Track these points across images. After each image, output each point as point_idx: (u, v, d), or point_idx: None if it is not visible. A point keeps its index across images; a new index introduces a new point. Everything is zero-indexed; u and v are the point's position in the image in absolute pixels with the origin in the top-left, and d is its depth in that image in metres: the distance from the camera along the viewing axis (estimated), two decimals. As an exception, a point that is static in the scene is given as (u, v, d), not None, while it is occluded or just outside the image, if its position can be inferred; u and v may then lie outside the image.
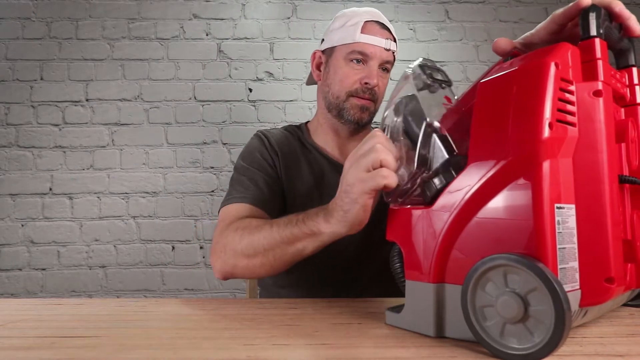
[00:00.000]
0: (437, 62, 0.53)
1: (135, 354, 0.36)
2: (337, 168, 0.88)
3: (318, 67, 0.90)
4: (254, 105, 1.89)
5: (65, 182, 1.80)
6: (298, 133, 0.93)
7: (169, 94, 1.87)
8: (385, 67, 0.85)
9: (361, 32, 0.82)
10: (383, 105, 0.63)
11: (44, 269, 1.76)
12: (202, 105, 1.88)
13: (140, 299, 0.62)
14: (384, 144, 0.47)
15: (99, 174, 1.82)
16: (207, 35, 1.91)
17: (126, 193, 1.82)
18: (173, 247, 1.80)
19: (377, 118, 0.80)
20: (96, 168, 1.82)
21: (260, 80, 1.90)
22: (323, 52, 0.88)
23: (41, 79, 1.84)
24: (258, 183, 0.80)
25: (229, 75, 1.90)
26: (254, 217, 0.73)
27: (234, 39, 1.92)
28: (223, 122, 1.87)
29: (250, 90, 1.90)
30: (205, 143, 1.86)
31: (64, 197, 1.80)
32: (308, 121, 0.98)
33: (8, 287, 1.75)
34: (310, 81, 0.97)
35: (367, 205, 0.49)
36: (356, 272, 0.83)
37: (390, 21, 0.88)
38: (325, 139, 0.91)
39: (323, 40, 0.89)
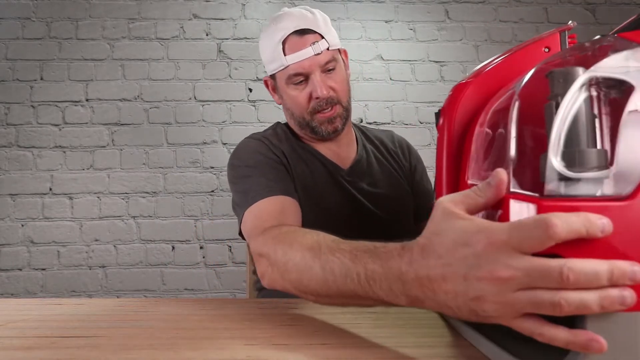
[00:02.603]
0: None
1: (135, 354, 0.36)
2: (338, 170, 0.87)
3: (275, 92, 0.88)
4: (254, 105, 1.89)
5: (65, 182, 1.80)
6: (288, 132, 0.90)
7: (169, 94, 1.87)
8: (328, 67, 0.80)
9: (285, 55, 0.78)
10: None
11: (44, 269, 1.76)
12: (202, 105, 1.88)
13: (140, 299, 0.61)
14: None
15: (99, 174, 1.82)
16: (207, 35, 1.91)
17: (126, 193, 1.82)
18: (173, 247, 1.80)
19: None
20: (96, 168, 1.82)
21: (260, 80, 1.90)
22: (271, 77, 0.86)
23: (41, 79, 1.84)
24: (274, 176, 0.77)
25: (229, 75, 1.90)
26: (288, 210, 0.70)
27: (234, 39, 1.92)
28: (223, 122, 1.87)
29: (250, 90, 1.90)
30: (205, 143, 1.86)
31: (64, 197, 1.80)
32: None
33: (8, 287, 1.75)
34: None
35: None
36: None
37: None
38: (312, 141, 0.89)
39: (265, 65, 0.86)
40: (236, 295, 1.80)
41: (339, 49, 0.84)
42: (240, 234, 0.77)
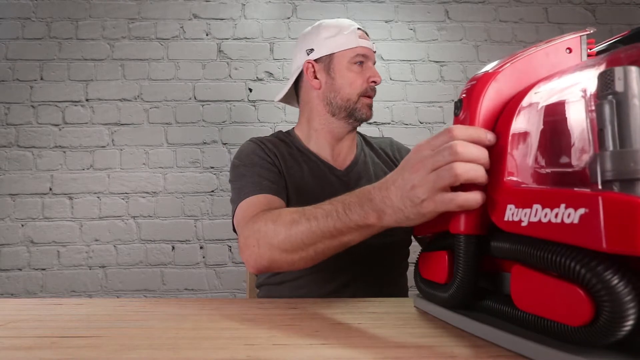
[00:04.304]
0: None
1: (136, 354, 0.36)
2: (333, 171, 0.91)
3: (315, 76, 0.92)
4: (254, 105, 1.89)
5: (65, 182, 1.80)
6: (290, 139, 0.95)
7: (169, 94, 1.87)
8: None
9: (359, 38, 0.89)
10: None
11: (44, 269, 1.76)
12: (202, 105, 1.88)
13: (140, 299, 0.61)
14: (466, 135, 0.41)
15: (99, 174, 1.82)
16: (207, 35, 1.91)
17: (126, 193, 1.82)
18: (173, 247, 1.80)
19: None
20: (96, 168, 1.82)
21: (260, 80, 1.90)
22: (316, 61, 0.92)
23: (41, 79, 1.84)
24: (267, 177, 0.82)
25: (229, 75, 1.90)
26: (274, 206, 0.73)
27: (234, 39, 1.92)
28: (223, 122, 1.87)
29: (250, 90, 1.90)
30: (205, 143, 1.86)
31: (64, 197, 1.80)
32: (292, 128, 1.00)
33: (8, 287, 1.75)
34: (288, 98, 1.00)
35: (437, 211, 0.43)
36: (360, 271, 0.84)
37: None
38: (319, 145, 0.94)
39: (311, 50, 0.92)
40: (236, 295, 1.80)
41: None
42: (234, 229, 0.81)
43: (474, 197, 0.41)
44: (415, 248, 0.82)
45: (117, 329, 0.45)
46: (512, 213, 0.36)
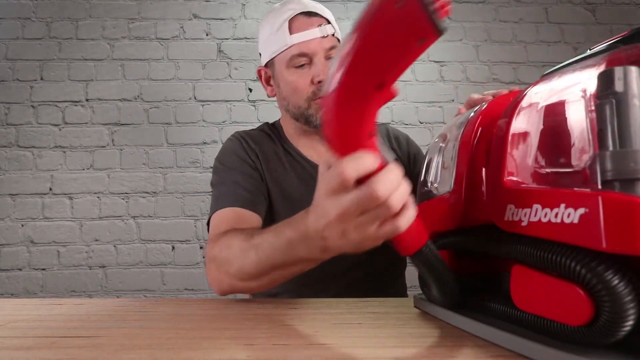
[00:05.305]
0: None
1: (135, 354, 0.36)
2: (315, 169, 0.86)
3: (268, 83, 0.85)
4: (254, 105, 1.89)
5: (65, 182, 1.80)
6: (276, 133, 0.90)
7: (169, 94, 1.87)
8: (330, 55, 0.77)
9: (290, 33, 0.75)
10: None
11: (44, 269, 1.76)
12: (202, 105, 1.88)
13: (140, 299, 0.61)
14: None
15: (99, 174, 1.82)
16: (207, 35, 1.91)
17: (126, 193, 1.82)
18: (173, 247, 1.80)
19: None
20: (96, 168, 1.82)
21: (260, 80, 1.90)
22: (266, 66, 0.83)
23: (41, 79, 1.84)
24: (243, 184, 0.77)
25: (229, 75, 1.90)
26: (245, 221, 0.72)
27: (234, 39, 1.92)
28: (223, 122, 1.87)
29: (250, 90, 1.90)
30: (205, 143, 1.86)
31: (64, 197, 1.80)
32: (278, 119, 0.95)
33: (8, 287, 1.75)
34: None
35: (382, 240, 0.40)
36: (354, 277, 0.83)
37: None
38: (300, 143, 0.88)
39: (259, 54, 0.84)
40: (236, 295, 1.80)
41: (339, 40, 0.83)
42: None
43: (410, 216, 0.38)
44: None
45: (117, 329, 0.45)
46: (512, 213, 0.36)
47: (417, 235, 0.40)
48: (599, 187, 0.29)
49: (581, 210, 0.29)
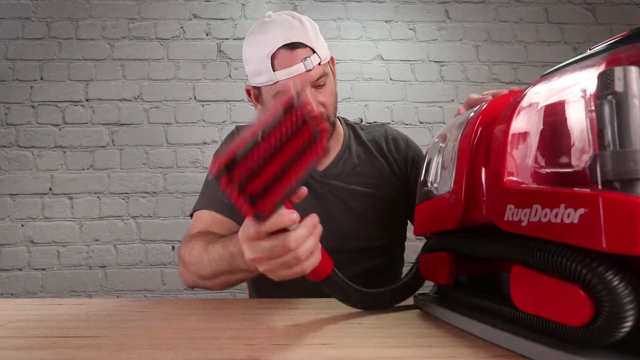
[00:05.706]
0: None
1: (136, 354, 0.36)
2: (310, 172, 0.86)
3: (257, 101, 0.84)
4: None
5: (65, 182, 1.80)
6: None
7: (169, 94, 1.87)
8: (318, 83, 0.77)
9: (274, 70, 0.73)
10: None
11: (44, 269, 1.76)
12: (202, 105, 1.88)
13: (140, 299, 0.61)
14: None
15: (99, 174, 1.82)
16: (207, 35, 1.91)
17: (126, 193, 1.82)
18: (173, 247, 1.80)
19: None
20: (96, 168, 1.82)
21: (260, 80, 1.90)
22: (254, 87, 0.81)
23: (41, 79, 1.84)
24: None
25: (229, 75, 1.90)
26: (219, 226, 0.78)
27: (234, 39, 1.92)
28: (223, 122, 1.87)
29: (250, 90, 1.90)
30: (205, 143, 1.86)
31: (64, 197, 1.80)
32: None
33: (8, 287, 1.75)
34: None
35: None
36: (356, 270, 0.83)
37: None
38: None
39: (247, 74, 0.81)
40: (236, 295, 1.80)
41: (328, 61, 0.81)
42: None
43: (314, 262, 0.47)
44: (415, 248, 0.82)
45: (117, 329, 0.45)
46: (512, 213, 0.36)
47: (323, 269, 0.49)
48: (599, 187, 0.29)
49: (581, 211, 0.29)
